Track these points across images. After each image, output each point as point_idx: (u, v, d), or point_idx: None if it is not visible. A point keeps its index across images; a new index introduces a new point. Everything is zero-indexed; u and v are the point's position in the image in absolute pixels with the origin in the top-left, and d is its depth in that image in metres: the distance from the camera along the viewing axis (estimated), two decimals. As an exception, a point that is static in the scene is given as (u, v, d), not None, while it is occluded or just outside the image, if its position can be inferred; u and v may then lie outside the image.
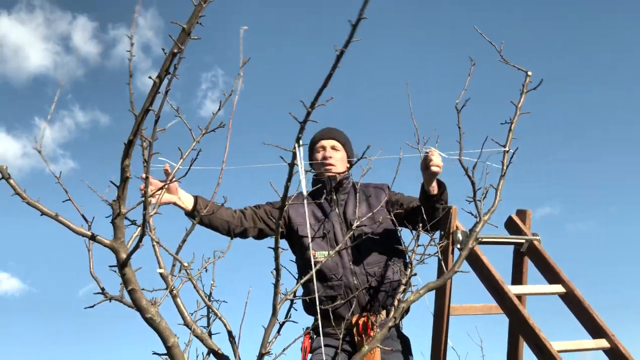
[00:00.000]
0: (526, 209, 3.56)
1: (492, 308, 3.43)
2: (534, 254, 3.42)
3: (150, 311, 2.03)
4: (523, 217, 3.53)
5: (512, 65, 3.01)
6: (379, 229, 3.32)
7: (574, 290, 3.18)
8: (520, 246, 3.46)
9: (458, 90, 2.89)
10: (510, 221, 3.55)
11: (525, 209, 3.56)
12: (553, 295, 3.27)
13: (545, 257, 3.34)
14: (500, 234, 3.44)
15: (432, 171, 3.01)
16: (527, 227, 3.49)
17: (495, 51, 2.97)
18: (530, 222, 3.52)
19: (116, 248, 1.94)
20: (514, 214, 3.57)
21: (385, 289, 3.21)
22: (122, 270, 1.97)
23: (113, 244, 1.94)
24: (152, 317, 2.04)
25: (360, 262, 3.25)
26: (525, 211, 3.55)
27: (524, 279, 3.50)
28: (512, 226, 3.54)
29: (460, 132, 2.89)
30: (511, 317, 3.07)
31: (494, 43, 2.96)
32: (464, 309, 3.40)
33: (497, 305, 3.20)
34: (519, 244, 3.46)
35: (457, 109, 2.87)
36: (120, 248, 1.95)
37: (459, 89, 2.90)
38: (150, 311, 2.03)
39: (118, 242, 1.94)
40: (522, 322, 2.94)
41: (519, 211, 3.58)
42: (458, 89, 2.89)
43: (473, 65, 2.96)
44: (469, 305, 3.45)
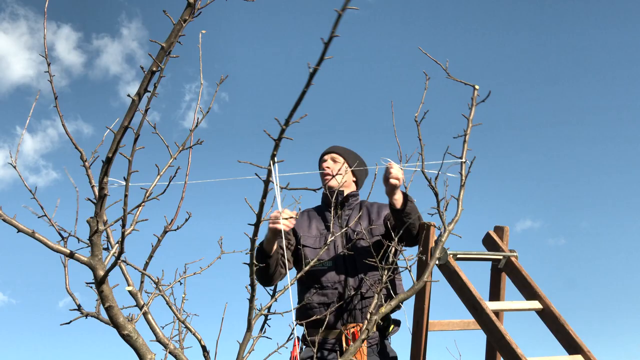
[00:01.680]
0: (504, 225, 3.60)
1: (469, 324, 3.46)
2: (511, 270, 3.46)
3: (127, 328, 2.03)
4: (500, 233, 3.57)
5: (458, 81, 3.12)
6: (374, 243, 3.41)
7: (550, 307, 3.22)
8: (497, 262, 3.50)
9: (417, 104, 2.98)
10: (488, 237, 3.59)
11: (502, 226, 3.60)
12: (530, 311, 3.30)
13: (523, 273, 3.38)
14: (478, 250, 3.48)
15: (391, 183, 3.10)
16: (504, 243, 3.53)
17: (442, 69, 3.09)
18: (508, 238, 3.56)
19: (94, 265, 1.95)
20: (492, 230, 3.61)
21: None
22: (100, 287, 1.97)
23: (91, 261, 1.94)
24: (129, 334, 2.04)
25: (354, 274, 3.37)
26: (502, 227, 3.59)
27: (501, 295, 3.54)
28: (490, 242, 3.57)
29: (422, 144, 2.99)
30: (488, 333, 3.10)
31: (439, 62, 3.08)
32: (442, 325, 3.43)
33: (474, 321, 3.22)
34: (496, 260, 3.50)
35: (416, 122, 2.97)
36: (98, 265, 1.95)
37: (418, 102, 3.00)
38: (128, 328, 2.04)
39: (96, 259, 1.95)
40: (499, 338, 2.96)
41: (496, 227, 3.62)
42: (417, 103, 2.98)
43: (428, 80, 3.09)
44: (447, 321, 3.48)
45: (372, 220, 3.56)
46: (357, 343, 2.38)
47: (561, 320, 3.17)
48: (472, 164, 3.04)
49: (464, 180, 3.02)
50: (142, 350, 2.08)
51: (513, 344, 2.90)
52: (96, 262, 1.95)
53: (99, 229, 1.90)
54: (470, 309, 3.16)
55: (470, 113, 3.14)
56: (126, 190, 1.91)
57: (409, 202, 3.23)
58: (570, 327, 3.14)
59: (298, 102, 1.50)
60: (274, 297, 2.36)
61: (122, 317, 2.03)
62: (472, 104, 3.15)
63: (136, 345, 2.07)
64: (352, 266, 3.40)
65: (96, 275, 1.96)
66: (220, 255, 2.63)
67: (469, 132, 3.11)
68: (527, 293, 3.34)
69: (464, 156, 3.05)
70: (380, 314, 2.50)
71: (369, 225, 3.52)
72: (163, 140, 2.17)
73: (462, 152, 3.06)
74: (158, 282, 2.36)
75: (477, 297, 3.11)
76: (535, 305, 3.26)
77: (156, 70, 1.71)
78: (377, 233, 3.50)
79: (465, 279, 3.19)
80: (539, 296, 3.27)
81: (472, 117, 3.13)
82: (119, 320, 2.02)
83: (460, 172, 3.03)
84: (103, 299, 1.99)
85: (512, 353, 2.88)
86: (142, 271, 2.33)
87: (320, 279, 3.40)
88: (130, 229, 2.05)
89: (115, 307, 2.01)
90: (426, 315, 3.25)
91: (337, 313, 3.32)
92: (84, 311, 2.10)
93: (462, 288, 3.18)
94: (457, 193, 3.01)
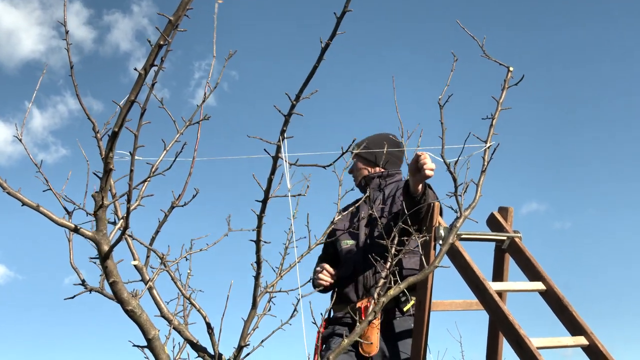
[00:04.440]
0: (508, 206, 3.58)
1: (472, 304, 3.46)
2: (515, 251, 3.44)
3: (131, 303, 2.03)
4: (505, 214, 3.55)
5: (493, 61, 3.02)
6: (387, 222, 3.58)
7: (553, 288, 3.21)
8: (501, 243, 3.48)
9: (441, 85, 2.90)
10: (492, 218, 3.57)
11: (507, 207, 3.58)
12: (533, 293, 3.30)
13: (526, 254, 3.37)
14: (482, 231, 3.46)
15: (426, 175, 3.08)
16: (508, 224, 3.51)
17: (478, 46, 2.98)
18: (512, 219, 3.54)
19: (98, 240, 1.93)
20: (496, 211, 3.59)
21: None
22: (104, 262, 1.96)
23: (95, 236, 1.93)
24: (133, 310, 2.03)
25: (371, 251, 3.46)
26: (507, 208, 3.57)
27: (504, 276, 3.53)
28: (494, 223, 3.56)
29: (443, 128, 2.88)
30: (491, 314, 3.09)
31: (477, 38, 2.98)
32: (445, 305, 3.43)
33: (477, 302, 3.22)
34: (500, 241, 3.48)
35: (440, 105, 2.88)
36: (103, 240, 1.94)
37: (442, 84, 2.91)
38: (132, 304, 2.03)
39: (100, 234, 1.93)
40: (502, 319, 2.96)
41: (500, 208, 3.60)
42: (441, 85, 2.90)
43: (456, 61, 2.97)
44: (450, 301, 3.47)
45: (395, 198, 3.69)
46: (364, 324, 2.38)
47: (565, 301, 3.16)
48: (495, 150, 2.95)
49: (486, 165, 2.95)
50: (146, 326, 2.08)
51: (516, 325, 2.89)
52: (101, 237, 1.94)
53: (103, 203, 1.89)
54: (473, 289, 3.15)
55: (500, 96, 3.03)
56: (132, 165, 1.88)
57: (427, 188, 3.27)
58: (574, 309, 3.13)
59: (309, 77, 1.48)
60: (280, 275, 2.36)
61: (126, 292, 2.02)
62: (504, 86, 3.05)
63: (140, 321, 2.06)
64: (371, 244, 3.60)
65: (100, 250, 1.94)
66: (228, 233, 2.62)
67: (497, 116, 3.00)
68: (531, 274, 3.33)
69: (489, 140, 2.95)
70: (389, 296, 2.49)
71: (385, 205, 3.65)
72: (170, 114, 2.14)
73: (487, 136, 2.97)
74: (163, 258, 2.35)
75: (481, 277, 3.10)
76: (538, 286, 3.25)
77: (163, 44, 1.68)
78: (394, 211, 3.61)
79: (469, 259, 3.17)
80: (543, 277, 3.26)
81: (502, 100, 3.03)
82: (123, 295, 2.01)
83: (484, 156, 2.95)
84: (107, 274, 1.98)
85: (515, 333, 2.88)
86: (147, 246, 2.32)
87: (344, 257, 3.72)
88: (135, 204, 2.03)
89: (120, 282, 2.00)
90: (429, 294, 3.25)
91: (355, 288, 3.58)
92: (88, 286, 2.10)
93: (466, 268, 3.17)
94: (477, 178, 2.94)
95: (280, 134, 1.66)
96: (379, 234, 3.44)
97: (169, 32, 1.66)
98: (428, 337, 3.29)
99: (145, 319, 2.07)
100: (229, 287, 2.40)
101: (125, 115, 1.75)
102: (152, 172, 2.06)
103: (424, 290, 3.25)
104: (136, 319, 2.06)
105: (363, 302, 3.49)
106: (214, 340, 2.34)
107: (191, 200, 2.22)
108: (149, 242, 2.35)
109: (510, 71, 3.05)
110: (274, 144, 1.70)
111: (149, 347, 2.13)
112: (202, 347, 2.36)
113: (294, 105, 1.57)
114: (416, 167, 3.13)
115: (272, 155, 1.74)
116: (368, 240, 3.63)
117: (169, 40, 1.67)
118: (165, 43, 1.67)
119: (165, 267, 2.35)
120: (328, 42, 1.39)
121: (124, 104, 1.73)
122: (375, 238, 3.56)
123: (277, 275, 2.41)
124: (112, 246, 1.94)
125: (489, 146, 2.95)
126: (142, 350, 2.27)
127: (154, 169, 2.07)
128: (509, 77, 3.05)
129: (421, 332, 3.27)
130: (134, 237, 2.37)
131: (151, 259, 2.40)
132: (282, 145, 1.70)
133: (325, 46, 1.40)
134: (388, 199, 3.71)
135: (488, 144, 2.95)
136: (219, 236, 2.60)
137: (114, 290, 2.00)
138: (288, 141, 1.72)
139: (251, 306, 2.22)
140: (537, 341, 2.91)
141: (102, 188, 1.86)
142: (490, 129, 2.99)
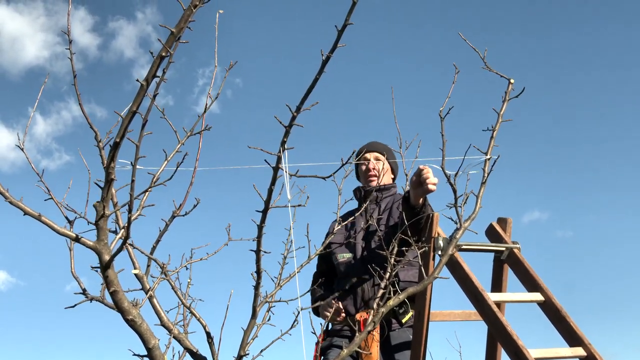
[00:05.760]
0: (507, 217, 3.59)
1: (471, 315, 3.46)
2: (513, 262, 3.45)
3: (131, 313, 2.04)
4: (504, 225, 3.56)
5: (495, 73, 3.03)
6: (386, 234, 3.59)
7: (552, 299, 3.22)
8: (500, 254, 3.49)
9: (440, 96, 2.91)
10: (491, 229, 3.58)
11: (506, 217, 3.58)
12: (531, 303, 3.30)
13: (525, 265, 3.37)
14: (481, 242, 3.47)
15: (429, 189, 3.10)
16: (507, 235, 3.52)
17: (479, 58, 2.99)
18: (511, 230, 3.55)
19: (99, 250, 1.94)
20: (495, 222, 3.60)
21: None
22: (105, 272, 1.97)
23: (96, 245, 1.94)
24: (133, 319, 2.04)
25: (369, 263, 3.45)
26: (506, 219, 3.58)
27: (503, 287, 3.53)
28: (493, 234, 3.56)
29: (444, 139, 2.88)
30: (490, 324, 3.09)
31: (478, 50, 2.99)
32: (444, 315, 3.43)
33: (476, 312, 3.22)
34: (499, 252, 3.49)
35: (440, 117, 2.88)
36: (104, 250, 1.95)
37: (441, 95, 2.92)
38: (132, 313, 2.04)
39: (101, 243, 1.95)
40: (501, 329, 2.96)
41: (499, 219, 3.61)
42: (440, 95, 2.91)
43: (457, 73, 2.98)
44: (449, 312, 3.48)
45: (392, 211, 3.72)
46: (363, 334, 2.38)
47: (562, 312, 3.16)
48: (495, 162, 2.95)
49: (486, 177, 2.96)
50: (147, 336, 2.09)
51: (514, 336, 2.89)
52: (102, 247, 1.95)
53: (105, 213, 1.90)
54: (472, 299, 3.16)
55: (501, 108, 3.04)
56: (133, 175, 1.90)
57: (426, 201, 3.30)
58: (572, 320, 3.14)
59: (310, 89, 1.49)
60: (279, 285, 2.37)
61: (126, 302, 2.03)
62: (505, 99, 3.05)
63: (140, 330, 2.07)
64: (368, 256, 3.60)
65: (102, 259, 1.96)
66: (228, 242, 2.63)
67: (497, 128, 3.01)
68: (529, 285, 3.34)
69: (489, 152, 2.96)
70: (389, 307, 2.50)
71: (382, 217, 3.68)
72: (171, 125, 2.16)
73: (487, 148, 2.97)
74: (164, 267, 2.36)
75: (479, 288, 3.10)
76: (537, 297, 3.26)
77: (165, 56, 1.70)
78: (391, 224, 3.64)
79: (468, 269, 3.18)
80: (541, 288, 3.27)
81: (502, 112, 3.04)
82: (124, 305, 2.02)
83: (484, 168, 2.95)
84: (108, 283, 1.99)
85: (513, 344, 2.88)
86: (148, 255, 2.33)
87: (341, 270, 3.72)
88: (136, 214, 2.04)
89: (120, 291, 2.01)
90: (428, 305, 3.25)
91: (354, 301, 3.58)
92: (88, 295, 2.11)
93: (465, 279, 3.18)
94: (477, 189, 2.95)
95: (281, 145, 1.68)
96: (378, 245, 3.44)
97: (171, 43, 1.68)
98: (427, 348, 3.29)
99: (146, 328, 2.08)
100: (228, 296, 2.42)
101: (127, 126, 1.76)
102: (154, 182, 2.08)
103: (423, 301, 3.25)
104: (136, 328, 2.07)
105: (362, 314, 3.49)
106: (214, 350, 2.34)
107: (192, 210, 2.23)
108: (150, 251, 2.36)
109: (511, 83, 3.06)
110: (274, 154, 1.72)
111: (149, 356, 2.13)
112: (202, 356, 2.36)
113: (295, 116, 1.58)
114: (418, 180, 3.14)
115: (272, 165, 1.76)
116: (365, 252, 3.64)
117: (171, 52, 1.69)
118: (167, 54, 1.69)
119: (166, 276, 2.37)
120: (329, 55, 1.41)
121: (126, 114, 1.75)
122: (374, 249, 3.57)
123: (276, 285, 2.42)
124: (112, 256, 1.95)
125: (489, 158, 2.96)
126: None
127: (155, 179, 2.09)
128: (510, 89, 3.07)
129: (420, 342, 3.27)
130: (135, 246, 2.38)
131: (152, 268, 2.41)
132: (283, 156, 1.71)
133: (326, 59, 1.42)
134: (384, 212, 3.74)
135: (488, 155, 2.96)
136: (219, 245, 2.61)
137: (115, 300, 2.01)
138: (288, 152, 1.74)
139: (251, 316, 2.23)
140: (535, 352, 2.91)
141: (104, 198, 1.88)
142: (491, 141, 3.00)
